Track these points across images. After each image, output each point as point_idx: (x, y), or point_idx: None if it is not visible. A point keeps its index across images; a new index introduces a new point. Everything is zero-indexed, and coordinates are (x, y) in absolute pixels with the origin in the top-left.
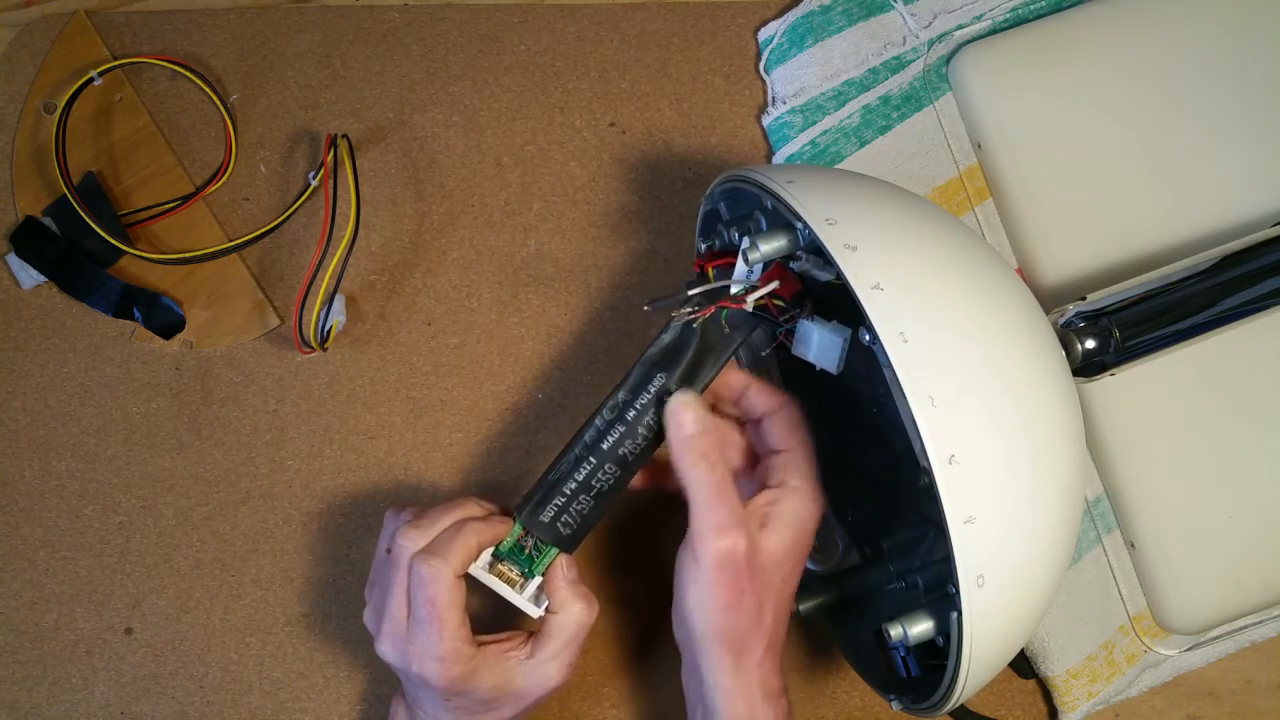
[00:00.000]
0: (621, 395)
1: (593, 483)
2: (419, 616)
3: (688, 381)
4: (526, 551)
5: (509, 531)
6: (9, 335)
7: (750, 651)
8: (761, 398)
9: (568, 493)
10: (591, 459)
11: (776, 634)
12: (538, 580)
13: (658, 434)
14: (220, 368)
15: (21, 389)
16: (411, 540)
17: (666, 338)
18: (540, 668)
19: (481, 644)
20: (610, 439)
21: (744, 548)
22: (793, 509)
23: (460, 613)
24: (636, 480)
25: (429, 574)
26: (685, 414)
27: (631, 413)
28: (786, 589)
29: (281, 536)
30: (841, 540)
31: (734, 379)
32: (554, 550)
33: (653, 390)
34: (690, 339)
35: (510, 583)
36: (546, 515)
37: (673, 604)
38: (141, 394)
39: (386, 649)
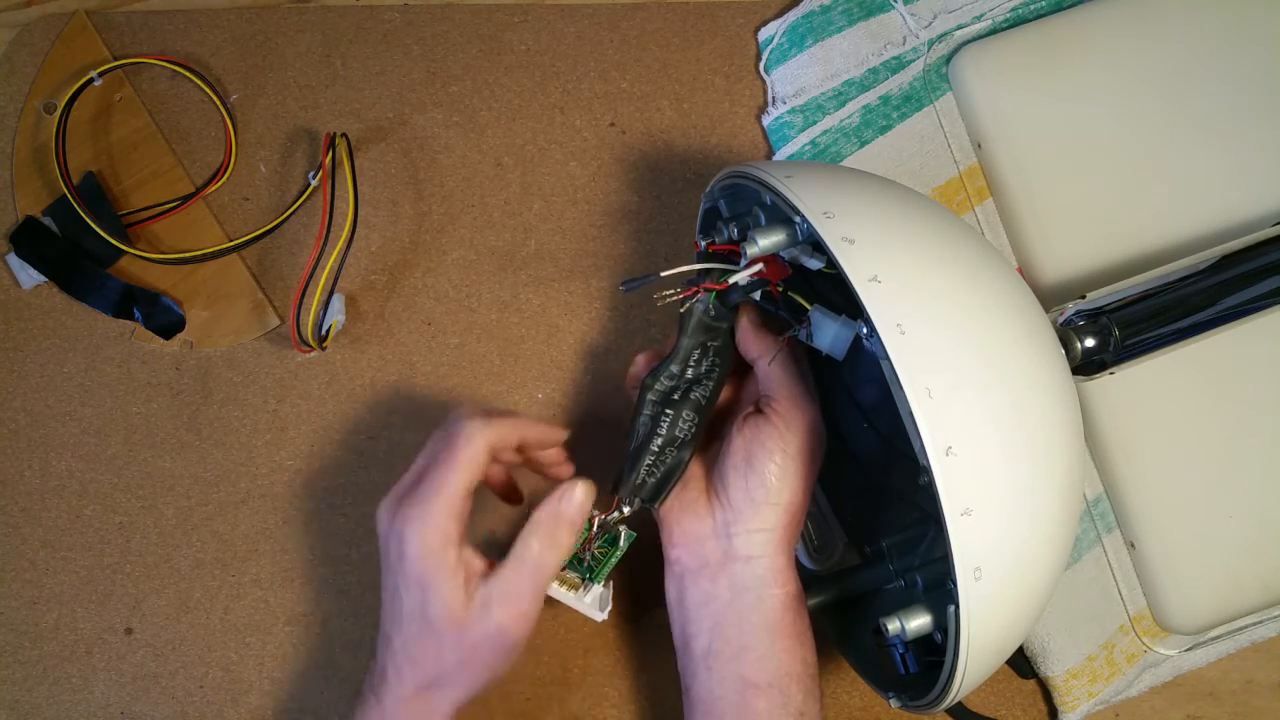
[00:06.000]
0: (686, 341)
1: (676, 434)
2: (431, 463)
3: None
4: (585, 564)
5: (555, 439)
6: (9, 335)
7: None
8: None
9: (656, 449)
10: (668, 411)
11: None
12: (597, 587)
13: (721, 375)
14: (220, 368)
15: (21, 389)
16: (469, 414)
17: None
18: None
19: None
20: (681, 387)
21: (821, 430)
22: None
23: (466, 485)
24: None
25: (467, 429)
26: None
27: (695, 355)
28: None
29: (281, 536)
30: (841, 540)
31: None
32: (613, 561)
33: (704, 329)
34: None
35: (572, 587)
36: (639, 478)
37: (729, 461)
38: (141, 394)
39: (382, 509)
